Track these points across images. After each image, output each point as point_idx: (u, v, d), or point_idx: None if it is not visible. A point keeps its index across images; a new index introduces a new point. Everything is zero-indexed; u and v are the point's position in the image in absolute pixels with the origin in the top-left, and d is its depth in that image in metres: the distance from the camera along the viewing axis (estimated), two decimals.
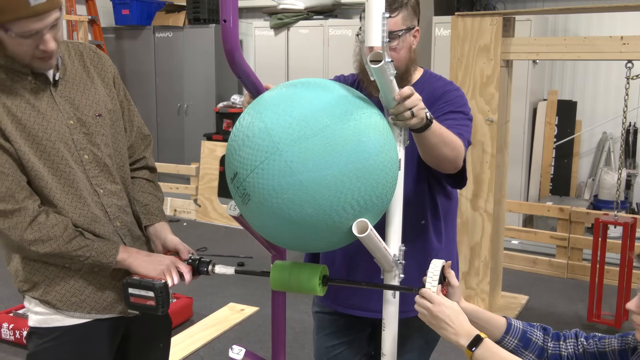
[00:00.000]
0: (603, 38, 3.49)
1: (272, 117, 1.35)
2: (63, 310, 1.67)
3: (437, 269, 1.50)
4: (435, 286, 1.47)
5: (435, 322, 1.45)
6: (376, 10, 1.35)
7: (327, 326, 2.05)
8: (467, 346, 1.41)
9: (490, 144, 3.76)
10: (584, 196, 5.98)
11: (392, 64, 1.39)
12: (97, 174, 1.69)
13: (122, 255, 1.66)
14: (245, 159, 1.35)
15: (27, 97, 1.59)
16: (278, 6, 6.65)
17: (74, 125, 1.65)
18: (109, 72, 1.80)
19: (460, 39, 3.72)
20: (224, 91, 7.28)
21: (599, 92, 6.00)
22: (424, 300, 1.47)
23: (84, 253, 1.61)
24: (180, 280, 1.67)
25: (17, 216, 1.55)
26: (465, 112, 1.84)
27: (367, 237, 1.39)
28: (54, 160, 1.61)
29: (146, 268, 1.66)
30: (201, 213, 6.35)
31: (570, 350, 1.60)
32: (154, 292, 1.60)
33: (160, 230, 1.84)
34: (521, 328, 1.60)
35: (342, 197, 1.32)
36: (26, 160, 1.57)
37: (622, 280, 3.76)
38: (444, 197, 1.92)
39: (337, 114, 1.35)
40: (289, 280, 1.56)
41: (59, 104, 1.64)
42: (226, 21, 1.40)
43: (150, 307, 1.62)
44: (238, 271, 1.68)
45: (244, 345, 1.66)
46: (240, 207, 1.43)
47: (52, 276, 1.66)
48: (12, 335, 3.55)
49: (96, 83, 1.74)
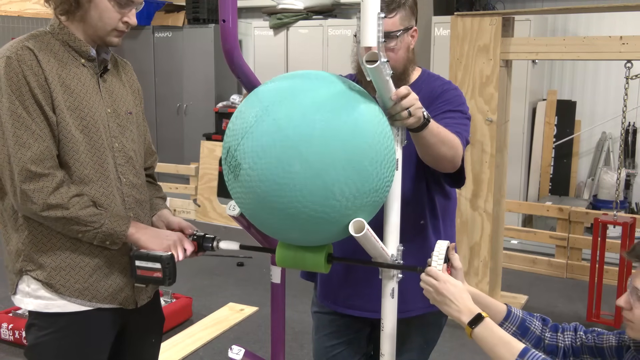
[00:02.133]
0: (602, 38, 3.49)
1: (263, 88, 1.44)
2: (65, 296, 1.69)
3: (443, 249, 1.52)
4: (441, 264, 1.50)
5: (440, 299, 1.47)
6: (371, 11, 1.35)
7: (327, 326, 2.05)
8: (467, 323, 1.44)
9: (490, 143, 3.76)
10: (583, 196, 5.98)
11: (388, 64, 1.39)
12: (123, 162, 1.78)
13: (131, 229, 1.70)
14: (236, 130, 1.39)
15: (79, 75, 1.69)
16: (277, 6, 6.65)
17: (110, 113, 1.76)
18: (136, 83, 1.93)
19: (460, 38, 3.72)
20: (223, 91, 7.28)
21: (599, 92, 6.00)
22: (429, 278, 1.49)
23: (98, 220, 1.65)
24: (185, 256, 1.72)
25: (45, 180, 1.60)
26: (464, 111, 1.84)
27: (364, 237, 1.39)
28: (92, 137, 1.68)
29: (153, 242, 1.70)
30: (201, 213, 6.35)
31: (568, 342, 1.61)
32: (161, 264, 1.63)
33: (162, 215, 1.92)
34: (520, 316, 1.63)
35: (331, 154, 1.32)
36: (67, 131, 1.63)
37: (621, 280, 3.76)
38: (442, 197, 1.93)
39: (334, 92, 1.40)
40: (294, 257, 1.56)
41: (102, 91, 1.75)
42: (225, 21, 1.41)
43: (157, 279, 1.65)
44: (243, 246, 1.69)
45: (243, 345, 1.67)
46: (233, 185, 1.43)
47: (58, 260, 1.68)
48: (11, 335, 3.55)
49: (127, 87, 1.87)
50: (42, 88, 1.60)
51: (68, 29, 1.68)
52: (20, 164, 1.58)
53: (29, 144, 1.58)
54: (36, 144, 1.59)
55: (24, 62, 1.58)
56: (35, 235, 1.68)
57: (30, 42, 1.63)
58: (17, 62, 1.58)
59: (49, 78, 1.61)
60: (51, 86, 1.61)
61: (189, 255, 1.73)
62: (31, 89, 1.58)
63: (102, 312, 1.75)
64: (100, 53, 1.76)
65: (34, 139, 1.59)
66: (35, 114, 1.59)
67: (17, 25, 6.77)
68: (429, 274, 1.50)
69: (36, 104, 1.59)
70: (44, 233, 1.68)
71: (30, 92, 1.58)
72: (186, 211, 6.43)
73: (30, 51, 1.60)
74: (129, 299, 1.79)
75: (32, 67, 1.59)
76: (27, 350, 1.76)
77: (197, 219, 6.34)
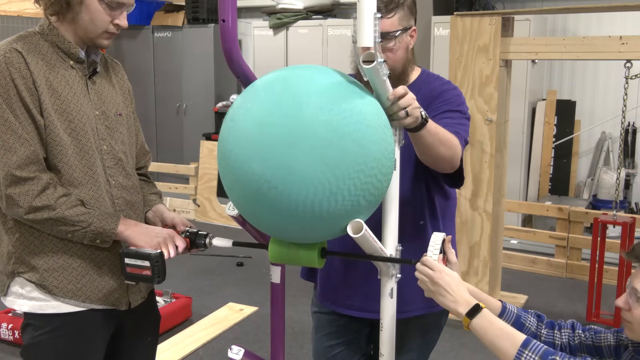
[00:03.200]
0: (602, 38, 3.49)
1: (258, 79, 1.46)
2: (59, 297, 1.69)
3: (439, 240, 1.51)
4: (437, 255, 1.48)
5: (435, 289, 1.44)
6: (368, 11, 1.35)
7: (326, 326, 2.05)
8: (465, 314, 1.40)
9: (489, 143, 3.76)
10: (582, 196, 5.98)
11: (385, 64, 1.39)
12: (112, 165, 1.77)
13: (121, 227, 1.69)
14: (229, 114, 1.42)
15: (67, 77, 1.68)
16: (277, 6, 6.65)
17: (99, 115, 1.74)
18: (126, 84, 1.92)
19: (459, 38, 3.72)
20: (223, 91, 7.28)
21: (598, 91, 6.00)
22: (424, 268, 1.46)
23: (86, 219, 1.64)
24: (176, 253, 1.70)
25: (31, 184, 1.59)
26: (463, 111, 1.84)
27: (362, 237, 1.39)
28: (80, 140, 1.68)
29: (144, 239, 1.69)
30: (200, 213, 6.35)
31: (565, 340, 1.60)
32: (149, 262, 1.62)
33: (157, 210, 1.91)
34: (515, 312, 1.61)
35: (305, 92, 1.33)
36: (55, 135, 1.63)
37: (621, 280, 3.76)
38: (441, 197, 1.92)
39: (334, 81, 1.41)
40: (287, 253, 1.54)
41: (90, 94, 1.74)
42: (225, 21, 1.41)
43: (146, 277, 1.64)
44: (236, 243, 1.69)
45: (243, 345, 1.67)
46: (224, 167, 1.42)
47: (50, 262, 1.68)
48: (11, 335, 3.55)
49: (116, 88, 1.85)
50: (30, 91, 1.59)
51: (58, 30, 1.67)
52: (6, 169, 1.58)
53: (15, 148, 1.58)
54: (22, 149, 1.58)
55: (12, 64, 1.58)
56: (26, 237, 1.67)
57: (18, 44, 1.62)
58: (5, 65, 1.57)
59: (37, 81, 1.60)
60: (39, 89, 1.60)
61: (180, 252, 1.72)
62: (19, 92, 1.58)
63: (96, 312, 1.75)
64: (90, 54, 1.74)
65: (20, 144, 1.58)
66: (23, 117, 1.58)
67: (17, 25, 6.77)
68: (424, 264, 1.47)
69: (24, 107, 1.58)
70: (35, 235, 1.67)
71: (18, 95, 1.58)
72: (186, 211, 6.43)
73: (19, 53, 1.60)
74: (122, 300, 1.79)
75: (20, 69, 1.58)
76: (23, 350, 1.76)
77: (196, 219, 6.34)
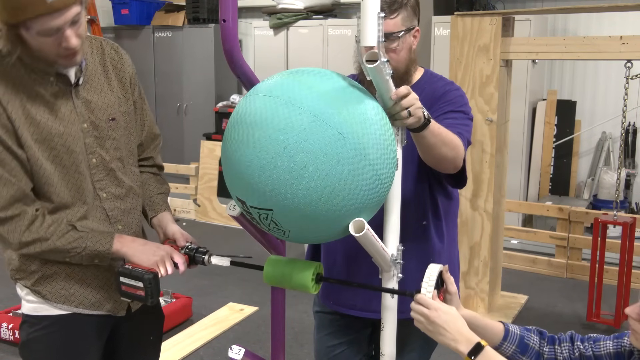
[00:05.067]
0: (602, 38, 3.49)
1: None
2: (51, 302, 1.70)
3: (434, 274, 1.45)
4: (431, 292, 1.43)
5: (433, 329, 1.40)
6: (371, 10, 1.35)
7: (328, 326, 2.05)
8: (467, 354, 1.37)
9: (490, 143, 3.76)
10: (583, 196, 5.99)
11: (388, 63, 1.39)
12: (101, 177, 1.71)
13: (116, 245, 1.67)
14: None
15: (47, 99, 1.59)
16: (277, 6, 6.65)
17: (87, 128, 1.67)
18: (127, 73, 1.80)
19: (460, 38, 3.72)
20: (223, 91, 7.28)
21: (599, 91, 6.00)
22: (419, 306, 1.41)
23: (80, 244, 1.62)
24: (174, 270, 1.69)
25: (17, 220, 1.57)
26: (466, 111, 1.84)
27: (364, 237, 1.39)
28: (65, 165, 1.63)
29: (140, 258, 1.67)
30: (200, 213, 6.35)
31: (566, 354, 1.58)
32: (143, 283, 1.62)
33: (162, 219, 1.86)
34: (518, 334, 1.58)
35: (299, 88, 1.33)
36: (38, 167, 1.58)
37: (621, 280, 3.76)
38: (444, 197, 1.92)
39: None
40: (281, 276, 1.54)
41: (76, 107, 1.65)
42: (225, 21, 1.41)
43: (140, 297, 1.64)
44: (233, 262, 1.69)
45: (243, 345, 1.66)
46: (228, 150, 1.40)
47: (44, 269, 1.68)
48: (11, 335, 3.55)
49: (113, 85, 1.75)
50: (5, 127, 1.53)
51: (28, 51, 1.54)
52: None
53: None
54: (5, 189, 1.54)
55: None
56: None
57: None
58: None
59: (12, 115, 1.53)
60: (15, 123, 1.54)
61: (180, 270, 1.70)
62: None
63: (90, 316, 1.75)
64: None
65: (3, 184, 1.54)
66: (3, 155, 1.53)
67: None
68: (418, 302, 1.41)
69: (2, 145, 1.53)
70: None
71: None
72: (186, 211, 6.43)
73: None
74: (118, 307, 1.78)
75: None
76: (20, 347, 1.77)
77: (197, 219, 6.34)
